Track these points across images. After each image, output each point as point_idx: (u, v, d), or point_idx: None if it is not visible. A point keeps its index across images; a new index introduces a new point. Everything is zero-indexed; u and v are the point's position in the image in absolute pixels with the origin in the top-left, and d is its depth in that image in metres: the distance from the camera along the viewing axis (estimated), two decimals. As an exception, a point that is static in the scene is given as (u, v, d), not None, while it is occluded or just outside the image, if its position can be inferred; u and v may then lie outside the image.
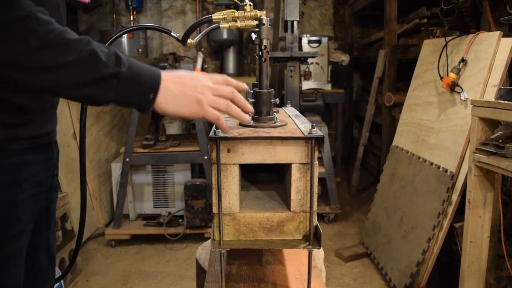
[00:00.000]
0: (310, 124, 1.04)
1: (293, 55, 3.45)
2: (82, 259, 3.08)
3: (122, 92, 0.85)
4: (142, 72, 0.88)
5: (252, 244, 1.06)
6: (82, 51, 0.80)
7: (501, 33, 2.27)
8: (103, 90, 0.84)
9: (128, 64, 0.86)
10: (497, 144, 1.77)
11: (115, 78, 0.83)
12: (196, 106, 0.92)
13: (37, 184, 1.08)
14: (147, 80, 0.88)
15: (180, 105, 0.91)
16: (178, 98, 0.91)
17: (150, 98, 0.88)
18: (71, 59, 0.79)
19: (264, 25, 1.12)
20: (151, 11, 5.67)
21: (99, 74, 0.82)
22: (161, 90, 0.89)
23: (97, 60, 0.81)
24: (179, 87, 0.91)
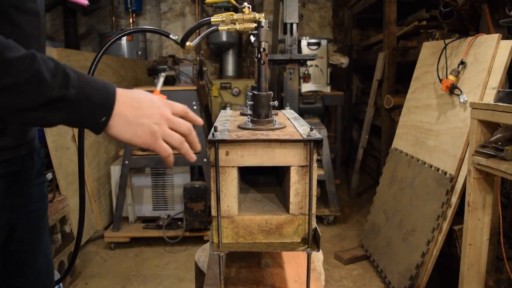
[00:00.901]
0: (309, 127, 1.04)
1: (293, 58, 3.45)
2: (81, 262, 3.07)
3: (70, 115, 0.78)
4: (94, 92, 0.79)
5: (251, 247, 1.06)
6: (23, 72, 0.71)
7: (500, 35, 2.27)
8: (48, 114, 0.76)
9: (78, 84, 0.77)
10: (496, 147, 1.77)
11: (62, 101, 0.75)
12: (149, 137, 0.84)
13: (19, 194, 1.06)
14: (100, 102, 0.80)
15: (132, 134, 0.83)
16: (131, 125, 0.83)
17: (101, 121, 0.81)
18: (11, 82, 0.70)
19: (263, 27, 1.12)
20: (150, 14, 5.68)
21: (42, 98, 0.73)
22: (114, 115, 0.81)
23: (40, 81, 0.72)
24: (135, 113, 0.83)
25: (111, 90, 0.82)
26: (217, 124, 1.09)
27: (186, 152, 0.90)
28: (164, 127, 0.86)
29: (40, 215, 1.19)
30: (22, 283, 1.14)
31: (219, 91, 4.82)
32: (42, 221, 1.20)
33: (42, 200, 1.20)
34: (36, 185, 1.16)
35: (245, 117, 1.28)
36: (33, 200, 1.15)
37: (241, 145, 1.01)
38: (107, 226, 3.71)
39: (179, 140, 0.88)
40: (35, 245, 1.18)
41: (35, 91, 0.72)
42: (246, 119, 1.20)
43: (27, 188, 1.11)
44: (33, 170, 1.12)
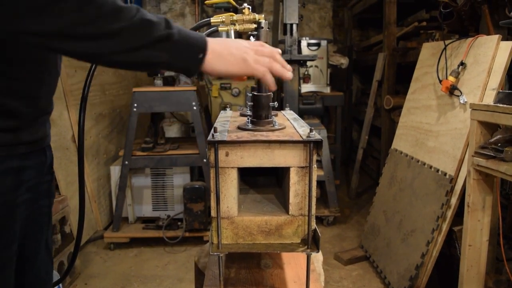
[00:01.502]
0: (309, 128, 1.04)
1: (292, 58, 3.45)
2: (81, 262, 3.07)
3: (175, 54, 0.89)
4: (190, 34, 0.91)
5: (251, 247, 1.06)
6: (134, 17, 0.83)
7: (500, 36, 2.27)
8: (158, 53, 0.86)
9: (177, 27, 0.89)
10: (496, 148, 1.77)
11: (168, 40, 0.86)
12: (242, 63, 0.96)
13: (31, 189, 1.08)
14: (196, 42, 0.92)
15: (227, 64, 0.95)
16: (225, 57, 0.95)
17: (199, 58, 0.92)
18: (125, 24, 0.81)
19: (263, 28, 1.12)
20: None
21: (153, 37, 0.84)
22: (208, 51, 0.93)
23: (149, 24, 0.84)
24: (225, 48, 0.95)
25: (201, 34, 0.96)
26: (216, 125, 1.09)
27: (278, 70, 1.01)
28: (251, 54, 0.98)
29: (45, 212, 1.21)
30: (23, 279, 1.16)
31: (219, 92, 4.81)
32: (47, 218, 1.23)
33: (49, 197, 1.23)
34: (46, 181, 1.19)
35: (245, 118, 1.28)
36: (42, 196, 1.18)
37: (240, 146, 1.01)
38: (107, 226, 3.71)
39: (268, 60, 1.00)
40: (37, 242, 1.20)
41: (145, 31, 0.84)
42: (246, 120, 1.20)
43: (39, 184, 1.14)
44: (45, 166, 1.15)
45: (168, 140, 3.77)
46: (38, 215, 1.18)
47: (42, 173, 1.13)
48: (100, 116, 3.75)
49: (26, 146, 1.03)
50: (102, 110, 3.79)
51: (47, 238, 1.24)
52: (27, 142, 1.03)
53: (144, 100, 3.24)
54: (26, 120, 1.02)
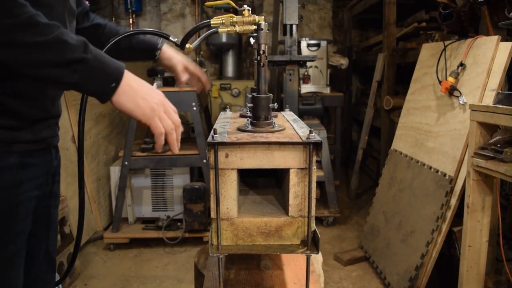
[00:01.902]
0: (308, 129, 1.05)
1: (292, 59, 3.45)
2: (81, 263, 3.07)
3: (86, 78, 0.90)
4: (108, 62, 0.94)
5: (250, 249, 1.06)
6: (51, 34, 0.86)
7: (499, 37, 2.28)
8: (68, 73, 0.88)
9: (95, 53, 0.91)
10: (496, 149, 1.77)
11: (81, 63, 0.88)
12: (149, 111, 0.98)
13: (37, 187, 1.09)
14: (112, 70, 0.94)
15: (136, 104, 0.97)
16: (136, 97, 0.97)
17: (111, 87, 0.93)
18: (41, 40, 0.84)
19: (262, 30, 1.12)
20: (150, 14, 5.68)
21: (65, 57, 0.87)
22: (122, 84, 0.95)
23: (64, 44, 0.87)
24: (140, 89, 0.98)
25: (121, 65, 0.97)
26: (216, 126, 1.09)
27: (172, 140, 1.03)
28: (161, 110, 1.00)
29: (51, 212, 1.25)
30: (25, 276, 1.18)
31: (219, 92, 4.82)
32: (53, 218, 1.26)
33: (55, 197, 1.27)
34: (53, 182, 1.24)
35: (245, 119, 1.28)
36: (48, 196, 1.21)
37: (240, 148, 1.01)
38: (107, 227, 3.71)
39: (171, 125, 1.02)
40: (41, 241, 1.22)
41: (59, 50, 0.86)
42: (245, 121, 1.20)
43: (46, 184, 1.17)
44: (51, 165, 1.18)
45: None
46: (44, 215, 1.21)
47: (48, 172, 1.14)
48: (100, 117, 3.75)
49: (27, 145, 1.04)
50: (102, 110, 3.79)
51: (51, 238, 1.26)
52: (28, 141, 1.04)
53: (144, 101, 3.23)
54: (27, 120, 1.04)
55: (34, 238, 1.19)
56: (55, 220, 1.30)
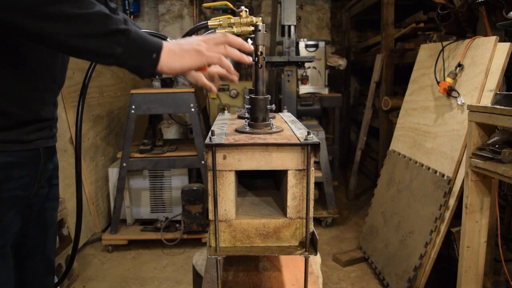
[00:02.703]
0: (306, 130, 1.04)
1: (290, 60, 3.45)
2: (79, 265, 3.07)
3: (128, 49, 0.93)
4: (147, 36, 0.97)
5: (248, 250, 1.06)
6: (95, 8, 0.89)
7: (497, 38, 2.28)
8: (111, 44, 0.91)
9: (135, 27, 0.96)
10: (494, 149, 1.77)
11: (123, 35, 0.91)
12: (196, 55, 1.01)
13: (21, 187, 1.09)
14: (152, 42, 0.97)
15: (182, 59, 1.00)
16: (178, 54, 1.00)
17: (153, 58, 0.97)
18: (86, 12, 0.87)
19: (260, 31, 1.12)
20: (148, 16, 5.68)
21: (109, 29, 0.90)
22: (163, 51, 0.98)
23: (107, 16, 0.90)
24: (177, 45, 1.01)
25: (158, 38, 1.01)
26: (214, 128, 1.09)
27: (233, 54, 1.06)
28: (203, 45, 1.03)
29: (49, 215, 1.25)
30: (22, 276, 1.18)
31: (217, 93, 4.82)
32: (50, 221, 1.26)
33: (53, 200, 1.27)
34: (55, 185, 1.25)
35: (243, 120, 1.28)
36: (47, 197, 1.22)
37: (238, 149, 1.01)
38: (105, 228, 3.70)
39: (222, 47, 1.04)
40: (39, 242, 1.23)
41: (103, 22, 0.89)
42: (243, 123, 1.20)
43: (41, 187, 1.17)
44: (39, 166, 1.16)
45: (166, 142, 3.76)
46: (40, 217, 1.21)
47: (36, 173, 1.14)
48: (98, 118, 3.74)
49: (11, 145, 1.04)
50: (100, 112, 3.79)
51: (49, 240, 1.26)
52: (12, 141, 1.04)
53: (142, 102, 3.23)
54: (12, 120, 1.04)
55: (30, 239, 1.19)
56: (53, 223, 1.30)
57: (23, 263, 1.19)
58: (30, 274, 1.22)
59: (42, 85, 1.10)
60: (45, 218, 1.24)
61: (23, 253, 1.19)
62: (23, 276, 1.19)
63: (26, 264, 1.20)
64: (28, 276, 1.22)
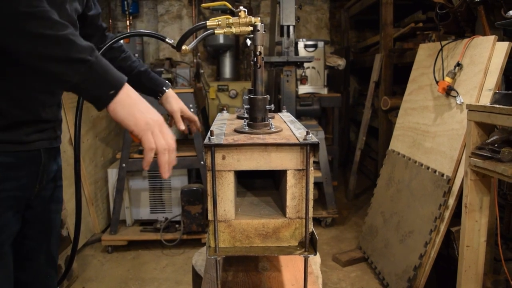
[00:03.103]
0: (305, 130, 1.04)
1: (289, 60, 3.45)
2: (79, 266, 3.06)
3: (87, 80, 0.91)
4: (111, 70, 0.94)
5: (248, 251, 1.06)
6: (61, 31, 0.88)
7: (496, 37, 2.28)
8: (70, 72, 0.89)
9: (100, 59, 0.92)
10: (493, 149, 1.77)
11: (84, 64, 0.89)
12: (143, 124, 0.96)
13: (18, 188, 1.08)
14: (113, 78, 0.94)
15: (131, 115, 0.95)
16: (133, 108, 0.95)
17: (109, 94, 0.93)
18: (50, 33, 0.86)
19: (259, 31, 1.12)
20: (147, 16, 5.68)
21: (70, 55, 0.88)
22: (121, 93, 0.94)
23: (72, 43, 0.89)
24: (138, 102, 0.97)
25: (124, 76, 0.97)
26: (213, 128, 1.09)
27: (163, 161, 1.00)
28: (155, 127, 0.98)
29: (52, 217, 1.25)
30: (22, 276, 1.18)
31: (216, 93, 4.82)
32: (53, 223, 1.27)
33: (56, 202, 1.27)
34: (54, 187, 1.24)
35: (242, 120, 1.28)
36: (52, 199, 1.22)
37: (237, 149, 1.01)
38: (105, 229, 3.70)
39: (164, 145, 0.99)
40: (40, 244, 1.23)
41: (66, 47, 0.88)
42: (242, 123, 1.20)
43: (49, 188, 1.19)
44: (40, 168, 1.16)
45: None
46: (43, 219, 1.21)
47: (36, 174, 1.14)
48: (98, 119, 3.74)
49: (8, 145, 1.04)
50: (99, 112, 3.78)
51: (52, 242, 1.26)
52: (9, 142, 1.04)
53: (141, 103, 3.22)
54: (10, 120, 1.04)
55: (30, 240, 1.19)
56: (57, 224, 1.31)
57: (23, 264, 1.19)
58: (31, 275, 1.23)
59: (40, 86, 1.10)
60: (50, 220, 1.25)
61: (23, 253, 1.19)
62: (24, 277, 1.20)
63: (27, 264, 1.20)
64: (29, 276, 1.22)
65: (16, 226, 1.11)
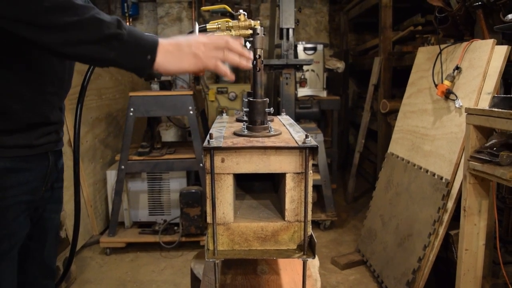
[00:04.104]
0: (304, 134, 1.04)
1: (289, 63, 3.45)
2: (77, 267, 3.06)
3: (123, 53, 0.94)
4: (141, 37, 0.97)
5: (247, 254, 1.05)
6: (87, 14, 0.90)
7: (494, 41, 2.28)
8: (105, 49, 0.92)
9: (128, 29, 0.95)
10: (492, 152, 1.78)
11: (116, 39, 0.92)
12: (193, 59, 1.00)
13: (28, 192, 1.09)
14: (146, 44, 0.97)
15: (179, 62, 1.00)
16: (176, 56, 0.99)
17: (148, 59, 0.96)
18: (77, 19, 0.88)
19: (258, 34, 1.12)
20: (147, 18, 5.69)
21: (101, 34, 0.91)
22: (159, 52, 0.97)
23: (100, 22, 0.91)
24: (176, 46, 1.00)
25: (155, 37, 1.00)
26: (212, 131, 1.09)
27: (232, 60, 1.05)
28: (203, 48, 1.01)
29: (52, 217, 1.26)
30: (21, 277, 1.19)
31: (216, 96, 4.82)
32: (51, 223, 1.27)
33: (56, 202, 1.27)
34: (55, 188, 1.24)
35: (241, 123, 1.28)
36: (48, 201, 1.22)
37: (236, 152, 1.01)
38: (103, 231, 3.69)
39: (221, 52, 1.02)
40: (41, 244, 1.24)
41: (95, 27, 0.90)
42: (241, 126, 1.20)
43: (46, 190, 1.18)
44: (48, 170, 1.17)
45: (164, 144, 3.76)
46: (42, 220, 1.22)
47: (45, 177, 1.14)
48: (97, 121, 3.74)
49: (18, 150, 1.04)
50: (99, 114, 3.78)
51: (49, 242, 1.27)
52: (20, 146, 1.04)
53: (140, 105, 3.23)
54: (21, 123, 1.04)
55: (33, 242, 1.20)
56: (55, 225, 1.31)
57: (24, 265, 1.20)
58: (30, 276, 1.23)
59: (51, 88, 1.11)
60: (48, 221, 1.25)
61: (24, 255, 1.19)
62: (23, 277, 1.20)
63: (27, 266, 1.21)
64: (28, 277, 1.22)
65: (26, 229, 1.11)
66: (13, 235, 1.06)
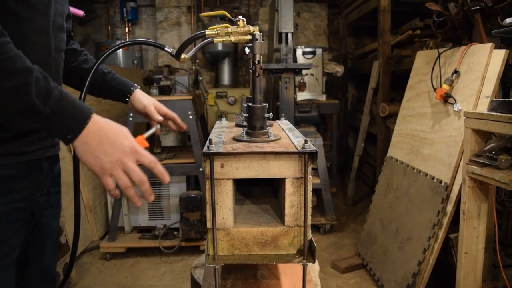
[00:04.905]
0: (304, 139, 1.05)
1: (288, 67, 3.46)
2: (77, 273, 3.05)
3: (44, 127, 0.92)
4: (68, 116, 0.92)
5: (247, 259, 1.06)
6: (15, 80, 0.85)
7: (493, 45, 2.29)
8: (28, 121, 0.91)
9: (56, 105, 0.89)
10: (490, 156, 1.78)
11: (37, 114, 0.88)
12: (98, 169, 0.95)
13: (24, 198, 1.09)
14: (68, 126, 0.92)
15: (87, 160, 0.95)
16: (89, 154, 0.95)
17: (67, 138, 0.93)
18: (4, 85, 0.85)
19: (257, 40, 1.13)
20: (146, 23, 5.70)
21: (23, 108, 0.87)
22: (79, 139, 0.93)
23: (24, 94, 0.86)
24: (96, 147, 0.94)
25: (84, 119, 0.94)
26: (212, 136, 1.10)
27: (131, 196, 0.99)
28: (115, 168, 0.95)
29: (50, 222, 1.25)
30: (21, 282, 1.19)
31: (215, 100, 4.83)
32: (50, 228, 1.26)
33: (52, 207, 1.26)
34: (52, 193, 1.24)
35: (240, 128, 1.28)
36: (45, 206, 1.22)
37: (236, 158, 1.01)
38: (103, 236, 3.69)
39: (125, 184, 0.97)
40: (41, 250, 1.24)
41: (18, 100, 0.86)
42: (241, 131, 1.20)
43: (42, 195, 1.18)
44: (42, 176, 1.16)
45: (164, 149, 3.76)
46: (40, 225, 1.21)
47: (38, 183, 1.14)
48: (96, 126, 3.73)
49: (10, 157, 1.04)
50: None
51: (48, 247, 1.27)
52: (12, 154, 1.04)
53: (140, 110, 3.23)
54: (10, 132, 1.04)
55: (31, 247, 1.20)
56: (54, 230, 1.30)
57: (24, 271, 1.19)
58: (31, 282, 1.23)
59: None
60: (44, 226, 1.24)
61: (24, 260, 1.19)
62: (23, 284, 1.20)
63: (27, 272, 1.21)
64: (28, 282, 1.22)
65: (21, 238, 1.11)
66: (7, 242, 1.06)
